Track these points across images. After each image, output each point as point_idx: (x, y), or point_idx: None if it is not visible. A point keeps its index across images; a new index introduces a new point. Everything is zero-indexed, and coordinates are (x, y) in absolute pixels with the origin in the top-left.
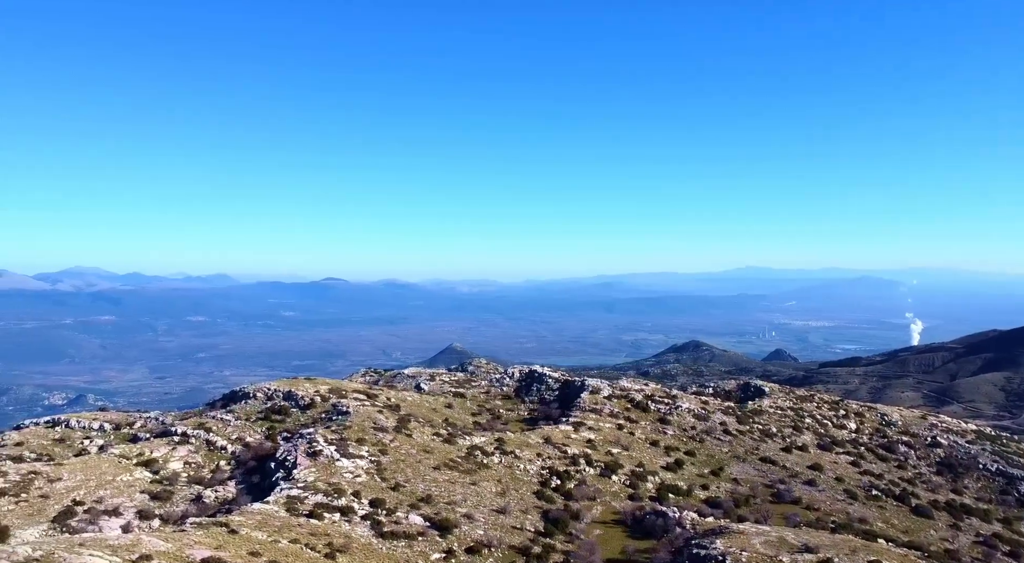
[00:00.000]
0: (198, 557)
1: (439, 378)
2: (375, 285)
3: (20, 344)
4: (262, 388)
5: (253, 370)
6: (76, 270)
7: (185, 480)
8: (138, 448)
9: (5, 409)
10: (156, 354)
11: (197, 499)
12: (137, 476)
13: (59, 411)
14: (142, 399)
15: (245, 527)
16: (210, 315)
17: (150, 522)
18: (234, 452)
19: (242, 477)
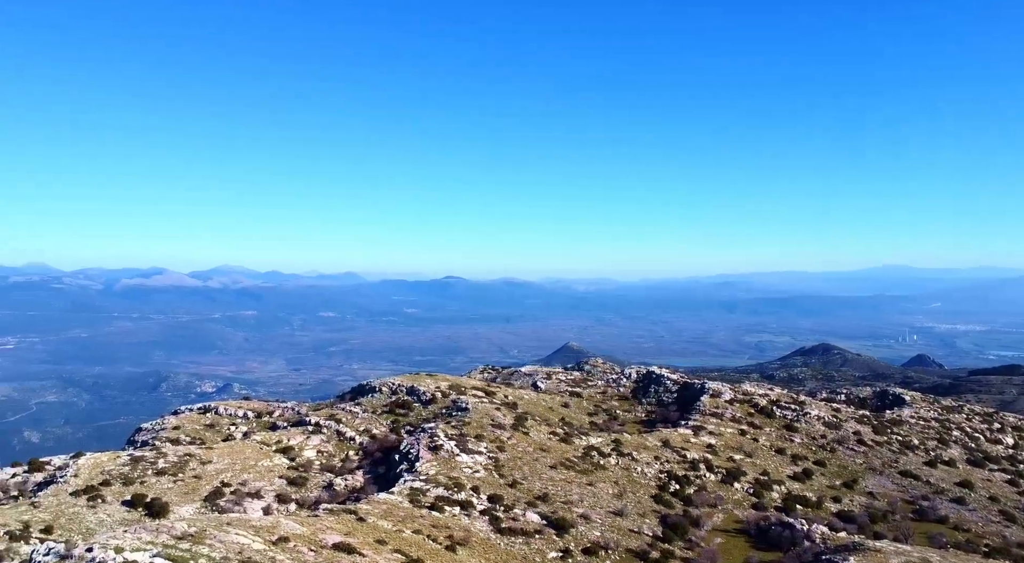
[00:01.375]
0: (330, 542)
1: (555, 377)
2: (493, 283)
3: (177, 336)
4: (387, 383)
5: (379, 364)
6: (224, 268)
7: (318, 468)
8: (277, 436)
9: (164, 395)
10: (292, 347)
11: (329, 486)
12: (276, 462)
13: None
14: (280, 389)
15: (372, 516)
16: (340, 311)
17: (287, 506)
18: (362, 443)
19: (369, 467)
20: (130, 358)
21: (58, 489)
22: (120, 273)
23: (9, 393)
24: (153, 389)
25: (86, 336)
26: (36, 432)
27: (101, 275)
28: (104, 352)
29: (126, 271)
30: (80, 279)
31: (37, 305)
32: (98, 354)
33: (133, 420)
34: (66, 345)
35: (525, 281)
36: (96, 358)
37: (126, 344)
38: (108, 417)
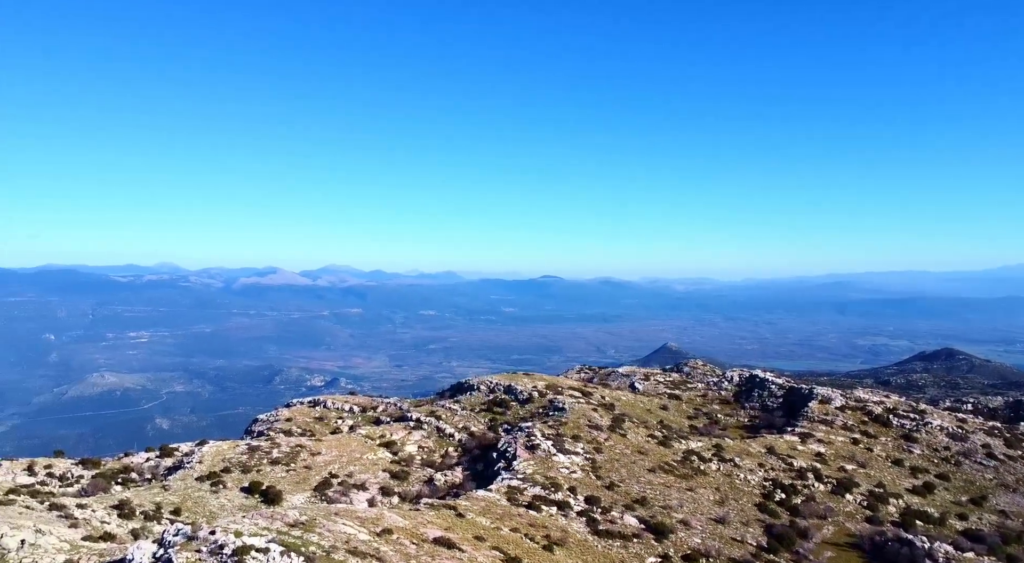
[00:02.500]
0: (431, 536)
1: (653, 378)
2: (590, 283)
3: (289, 332)
4: (485, 381)
5: (477, 362)
6: (332, 268)
7: (419, 463)
8: (380, 430)
9: (277, 387)
10: (394, 344)
11: (429, 481)
12: (380, 456)
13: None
14: (383, 385)
15: (471, 512)
16: (440, 309)
17: (390, 498)
18: (460, 440)
19: (467, 464)
20: (247, 352)
21: (185, 474)
22: (238, 272)
23: (144, 383)
24: (268, 382)
25: (209, 331)
26: (166, 419)
27: (222, 274)
28: (225, 346)
29: (244, 270)
30: (204, 278)
31: (167, 302)
32: (219, 348)
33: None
34: (192, 339)
35: (623, 281)
36: (218, 352)
37: (244, 339)
38: (228, 407)
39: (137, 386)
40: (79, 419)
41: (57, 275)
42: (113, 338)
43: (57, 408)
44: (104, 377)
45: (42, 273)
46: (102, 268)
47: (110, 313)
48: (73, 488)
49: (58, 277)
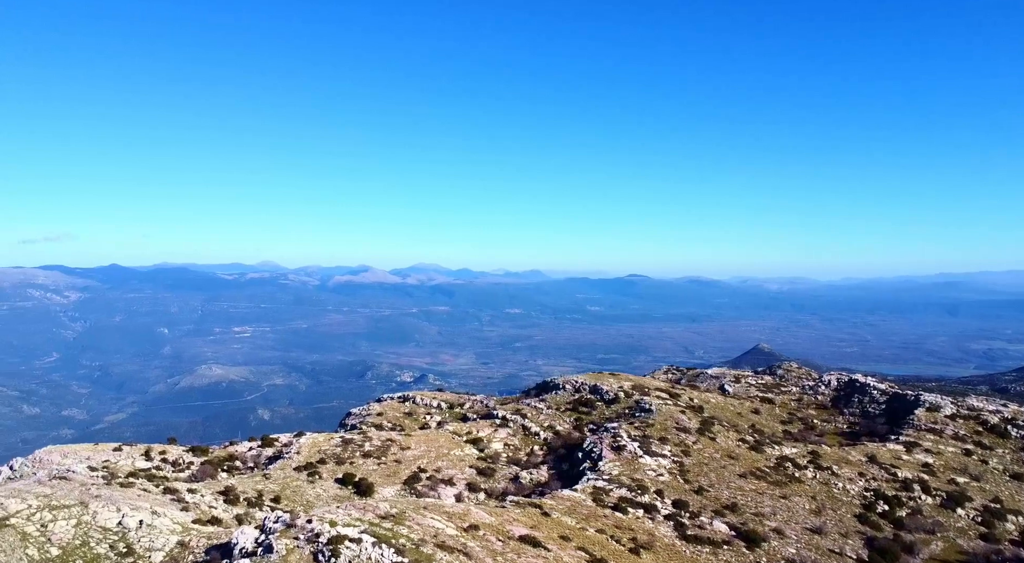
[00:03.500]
0: (516, 533)
1: (744, 380)
2: (678, 282)
3: (380, 328)
4: (570, 380)
5: (562, 361)
6: (420, 266)
7: (505, 460)
8: (467, 427)
9: (369, 382)
10: (481, 342)
11: (515, 479)
12: (467, 452)
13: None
14: (469, 382)
15: (556, 511)
16: (525, 308)
17: (477, 494)
18: (546, 438)
19: (553, 463)
20: (341, 347)
21: (284, 464)
22: (333, 270)
23: (247, 375)
24: (360, 376)
25: (306, 327)
26: (267, 410)
27: (318, 272)
28: (320, 342)
29: (338, 269)
30: (302, 276)
31: (268, 298)
32: (315, 343)
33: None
34: (290, 335)
35: (712, 280)
36: (314, 347)
37: (338, 335)
38: (323, 400)
39: (241, 378)
40: (190, 408)
41: (170, 273)
42: (220, 332)
43: (170, 397)
44: (212, 369)
45: (157, 271)
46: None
47: (217, 309)
48: (184, 474)
49: (171, 275)
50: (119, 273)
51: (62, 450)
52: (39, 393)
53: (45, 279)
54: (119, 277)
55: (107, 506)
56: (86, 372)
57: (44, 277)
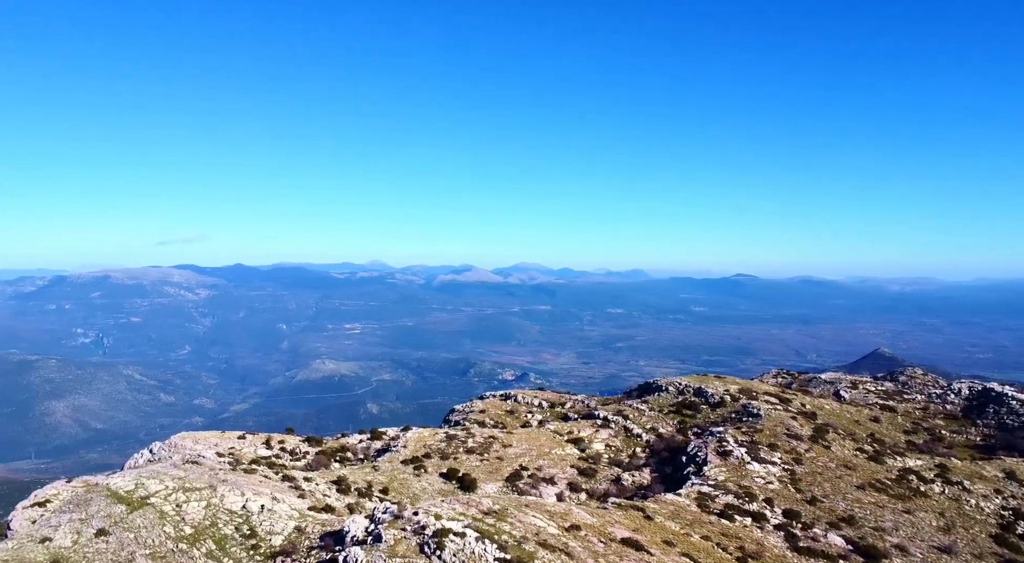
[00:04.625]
0: (618, 536)
1: (863, 386)
2: (789, 282)
3: (482, 327)
4: (674, 382)
5: (665, 362)
6: (522, 266)
7: (606, 461)
8: (568, 426)
9: (472, 379)
10: (581, 341)
11: (616, 480)
12: (567, 452)
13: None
14: (570, 381)
15: (659, 515)
16: (627, 308)
17: (578, 495)
18: (648, 441)
19: (655, 465)
20: (445, 345)
21: (392, 457)
22: (438, 269)
23: (356, 370)
24: (463, 374)
25: (412, 325)
26: (375, 405)
27: (423, 271)
28: (425, 339)
29: (442, 268)
30: (408, 275)
31: (376, 296)
32: (421, 341)
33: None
34: (397, 332)
35: (826, 280)
36: (419, 344)
37: (442, 333)
38: (428, 396)
39: (351, 373)
40: (305, 400)
41: (288, 272)
42: (332, 329)
43: (288, 390)
44: (325, 364)
45: (276, 270)
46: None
47: (330, 306)
48: (300, 463)
49: (289, 274)
50: (243, 272)
51: (194, 436)
52: (174, 383)
53: (179, 277)
54: (243, 276)
55: (233, 490)
56: (214, 364)
57: (178, 276)
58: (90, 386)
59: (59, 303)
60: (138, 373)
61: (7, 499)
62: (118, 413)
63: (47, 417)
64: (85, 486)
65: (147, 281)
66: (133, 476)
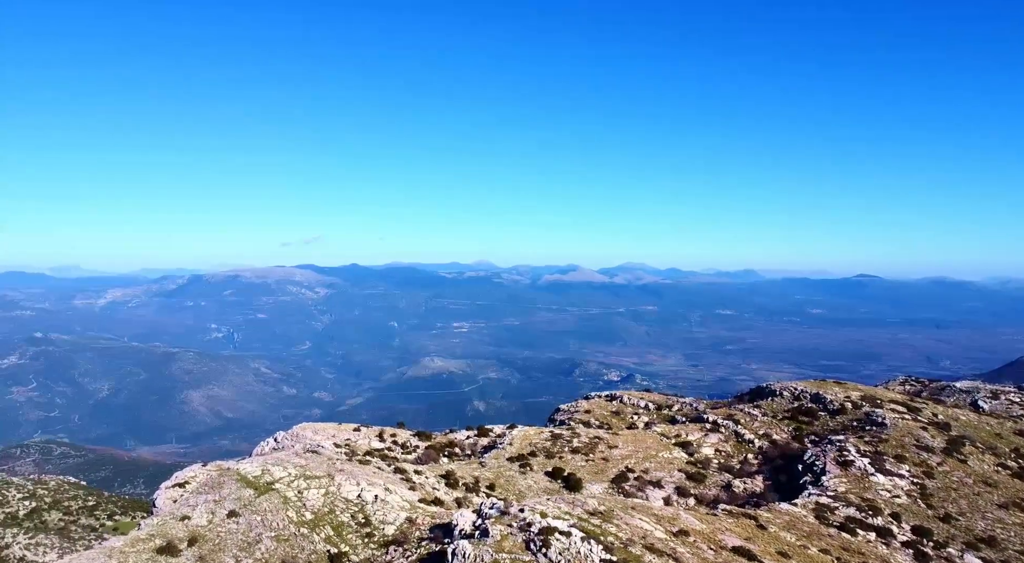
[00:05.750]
0: (729, 544)
1: (1005, 396)
2: (918, 283)
3: (587, 327)
4: (788, 387)
5: (778, 366)
6: (628, 266)
7: (715, 466)
8: (676, 429)
9: (577, 379)
10: (689, 343)
11: (727, 487)
12: (675, 455)
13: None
14: (677, 383)
15: (773, 525)
16: (737, 309)
17: (686, 500)
18: (761, 447)
19: (769, 473)
20: (550, 345)
21: (498, 453)
22: (543, 269)
23: (464, 368)
24: (568, 374)
25: (517, 324)
26: (482, 402)
27: (529, 271)
28: (531, 338)
29: (548, 268)
30: (514, 274)
31: (483, 296)
32: (526, 340)
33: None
34: (503, 331)
35: (961, 280)
36: (525, 343)
37: (547, 332)
38: (533, 395)
39: (459, 371)
40: (415, 396)
41: (400, 272)
42: (440, 327)
43: (399, 385)
44: (434, 361)
45: (389, 270)
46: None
47: (438, 305)
48: (411, 456)
49: (400, 273)
50: (358, 272)
51: (313, 427)
52: (296, 376)
53: (301, 277)
54: (358, 275)
55: (349, 480)
56: (332, 359)
57: (300, 275)
58: (222, 378)
59: (196, 300)
60: (264, 366)
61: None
62: (246, 403)
63: (186, 405)
64: (218, 470)
65: (272, 280)
66: (260, 463)
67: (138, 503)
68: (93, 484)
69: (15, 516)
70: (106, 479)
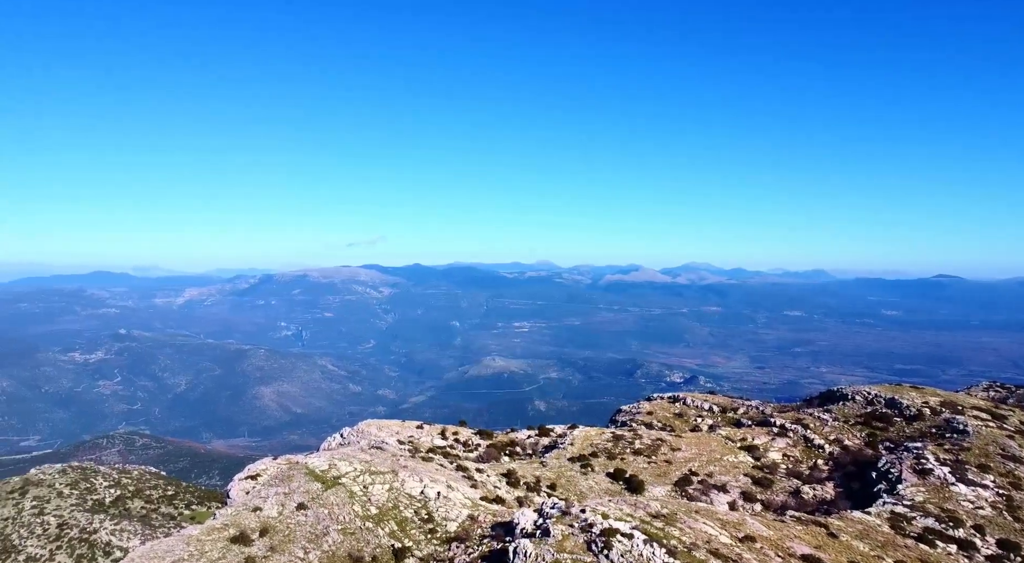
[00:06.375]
0: (798, 551)
1: None
2: (1003, 283)
3: (649, 327)
4: (861, 391)
5: (850, 370)
6: (691, 266)
7: (783, 472)
8: (741, 433)
9: (638, 380)
10: (755, 345)
11: (795, 493)
12: (740, 459)
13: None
14: (743, 386)
15: (845, 533)
16: (806, 310)
17: (752, 505)
18: (831, 453)
19: (840, 480)
20: (611, 345)
21: (559, 453)
22: (604, 269)
23: (524, 368)
24: (629, 374)
25: (578, 324)
26: (542, 402)
27: (590, 271)
28: (591, 338)
29: (609, 268)
30: (574, 274)
31: (544, 296)
32: (587, 340)
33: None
34: (563, 331)
35: None
36: (585, 343)
37: (608, 333)
38: (594, 395)
39: (519, 370)
40: (476, 395)
41: (461, 272)
42: (501, 327)
43: (461, 384)
44: (495, 360)
45: (450, 270)
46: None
47: (499, 305)
48: (472, 454)
49: (461, 273)
50: (420, 271)
51: (377, 424)
52: (361, 374)
53: (365, 276)
54: (420, 275)
55: (412, 476)
56: (395, 358)
57: (365, 275)
58: (291, 374)
59: (266, 299)
60: (330, 364)
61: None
62: (314, 399)
63: (257, 400)
64: (288, 464)
65: (338, 280)
66: (327, 457)
67: (213, 493)
68: (172, 474)
69: (102, 503)
70: (184, 470)
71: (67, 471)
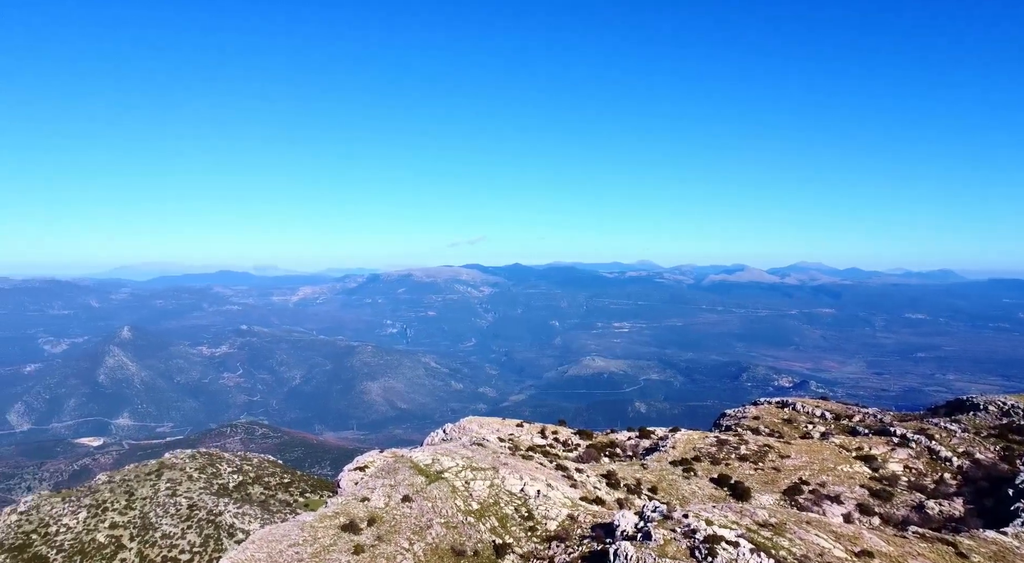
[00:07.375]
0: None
1: None
2: None
3: (756, 329)
4: (995, 400)
5: (982, 377)
6: (801, 266)
7: (905, 484)
8: (857, 441)
9: (744, 384)
10: (873, 349)
11: (919, 507)
12: (856, 469)
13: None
14: (859, 392)
15: (976, 554)
16: (931, 313)
17: (870, 518)
18: (960, 466)
19: (970, 496)
20: (715, 347)
21: (660, 456)
22: (707, 269)
23: (624, 368)
24: (734, 378)
25: (680, 325)
26: (643, 403)
27: (692, 271)
28: (694, 340)
29: (712, 268)
30: (676, 274)
31: (644, 296)
32: (689, 341)
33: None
34: (665, 332)
35: None
36: (688, 345)
37: (712, 334)
38: (697, 398)
39: (619, 371)
40: (575, 395)
41: (560, 271)
42: (601, 327)
43: (560, 383)
44: (594, 361)
45: (550, 269)
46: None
47: (599, 305)
48: (572, 454)
49: (561, 273)
50: (520, 271)
51: (479, 421)
52: (462, 371)
53: (467, 276)
54: (520, 274)
55: (512, 473)
56: (495, 356)
57: (466, 274)
58: (396, 370)
59: (373, 298)
60: (433, 361)
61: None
62: (417, 395)
63: (365, 395)
64: (394, 457)
65: (440, 279)
66: (430, 452)
67: (324, 483)
68: (288, 463)
69: (226, 487)
70: (298, 459)
71: (196, 456)
